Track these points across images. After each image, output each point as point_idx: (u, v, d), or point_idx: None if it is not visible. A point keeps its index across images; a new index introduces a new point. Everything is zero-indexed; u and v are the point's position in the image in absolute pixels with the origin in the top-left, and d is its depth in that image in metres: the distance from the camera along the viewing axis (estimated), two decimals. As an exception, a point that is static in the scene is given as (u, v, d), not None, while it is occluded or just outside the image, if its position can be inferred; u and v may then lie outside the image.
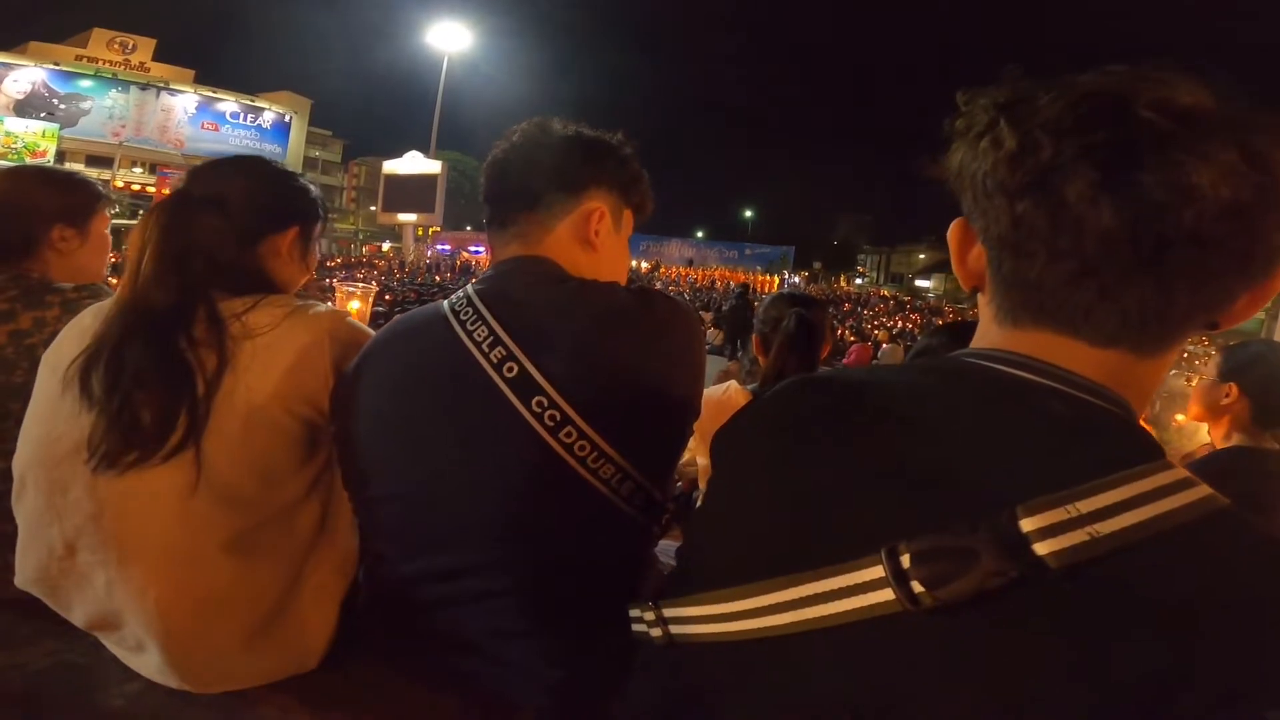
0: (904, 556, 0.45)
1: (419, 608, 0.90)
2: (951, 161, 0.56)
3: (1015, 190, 0.50)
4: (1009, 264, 0.53)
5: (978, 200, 0.54)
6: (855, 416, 0.56)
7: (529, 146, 0.95)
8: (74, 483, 0.84)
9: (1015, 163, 0.50)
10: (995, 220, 0.52)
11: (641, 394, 0.85)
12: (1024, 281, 0.53)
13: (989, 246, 0.55)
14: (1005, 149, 0.50)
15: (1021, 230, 0.51)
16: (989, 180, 0.52)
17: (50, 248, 1.18)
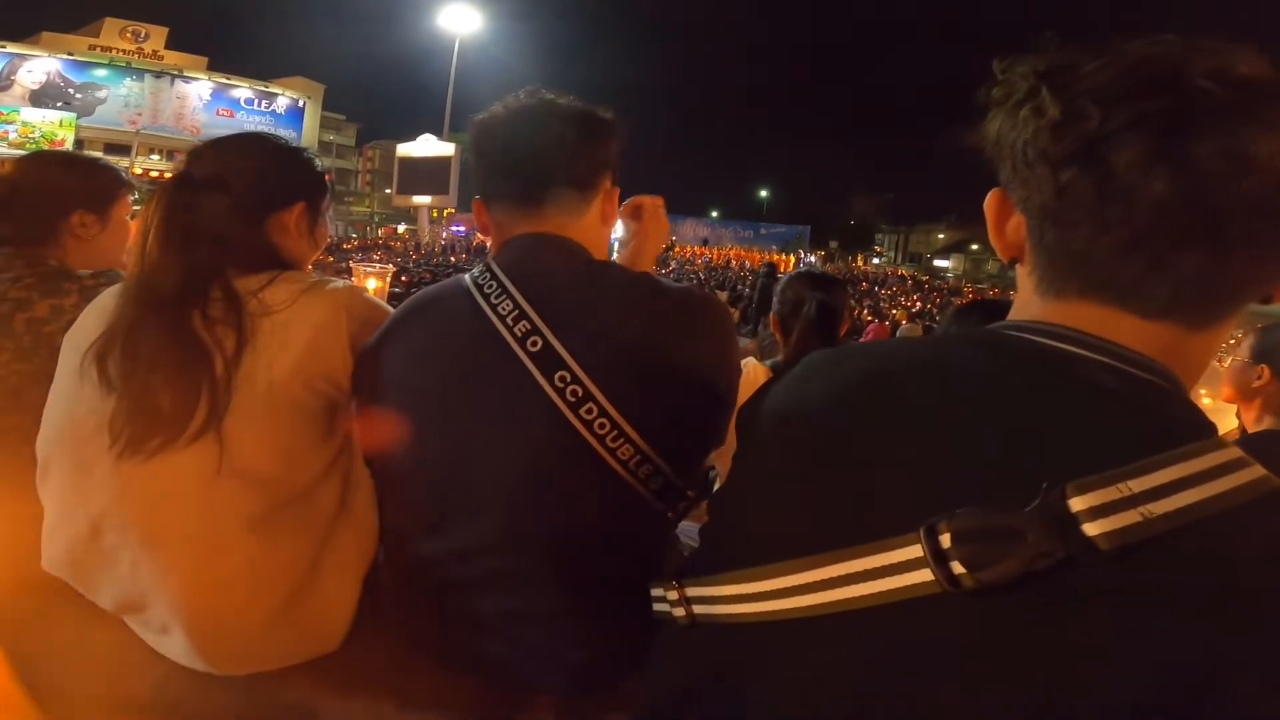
0: (944, 536, 0.44)
1: (439, 588, 0.90)
2: (989, 130, 0.55)
3: (1059, 159, 0.49)
4: (1052, 234, 0.52)
5: (1018, 170, 0.52)
6: (889, 390, 0.54)
7: (558, 123, 0.91)
8: (97, 464, 0.84)
9: (1059, 131, 0.48)
10: (1037, 190, 0.51)
11: (666, 377, 0.84)
12: (1068, 252, 0.51)
13: (1030, 216, 0.53)
14: (1048, 117, 0.49)
15: (1066, 200, 0.49)
16: (1030, 149, 0.50)
17: (70, 234, 1.18)
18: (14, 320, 1.05)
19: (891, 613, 0.47)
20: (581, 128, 0.92)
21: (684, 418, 0.85)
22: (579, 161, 0.92)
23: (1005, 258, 0.58)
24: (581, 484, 0.82)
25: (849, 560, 0.48)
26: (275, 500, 0.88)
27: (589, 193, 0.94)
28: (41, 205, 1.16)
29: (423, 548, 0.90)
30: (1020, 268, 0.57)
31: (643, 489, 0.83)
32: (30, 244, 1.13)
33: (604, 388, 0.79)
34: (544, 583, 0.86)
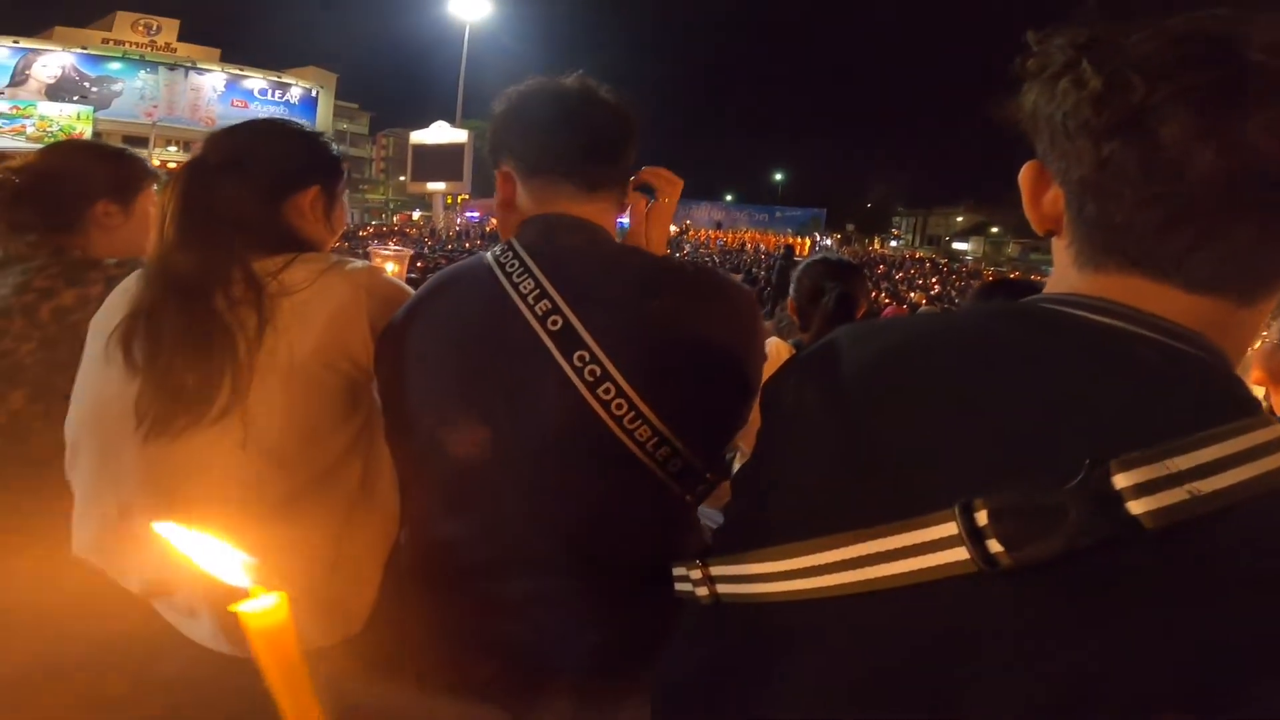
0: (980, 513, 0.43)
1: (459, 570, 0.91)
2: (1024, 103, 0.54)
3: (1101, 131, 0.48)
4: (1092, 207, 0.51)
5: (1056, 142, 0.51)
6: (922, 364, 0.53)
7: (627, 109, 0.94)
8: (125, 446, 0.85)
9: (1102, 102, 0.47)
10: (1077, 162, 0.50)
11: (687, 359, 0.83)
12: (1110, 225, 0.50)
13: (1069, 189, 0.52)
14: (1090, 88, 0.48)
15: (1108, 172, 0.48)
16: (1070, 121, 0.49)
17: (95, 223, 1.19)
18: (40, 309, 1.06)
19: (923, 592, 0.46)
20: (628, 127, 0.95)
21: (704, 400, 0.85)
22: (627, 157, 0.95)
23: (1041, 230, 0.57)
24: (598, 464, 0.82)
25: (880, 538, 0.47)
26: (298, 481, 0.89)
27: (625, 184, 0.97)
28: (67, 194, 1.17)
29: (443, 528, 0.91)
30: (1057, 241, 0.56)
31: (660, 471, 0.83)
32: (55, 232, 1.14)
33: (622, 368, 0.79)
34: (562, 565, 0.86)
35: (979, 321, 0.57)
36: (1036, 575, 0.42)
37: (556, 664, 0.91)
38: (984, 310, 0.59)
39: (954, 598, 0.45)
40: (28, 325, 1.05)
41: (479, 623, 0.92)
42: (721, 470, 0.92)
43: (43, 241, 1.12)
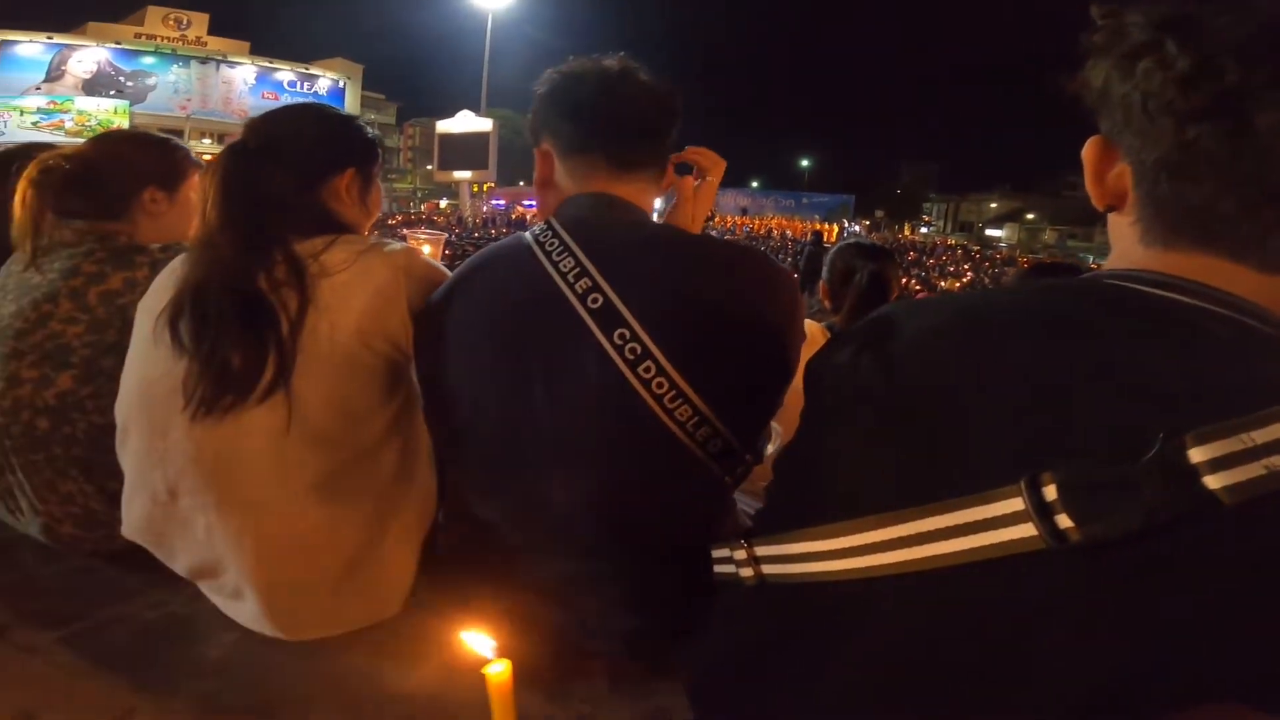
0: (1048, 488, 0.42)
1: (494, 551, 0.91)
2: (1092, 78, 0.53)
3: (1188, 114, 0.47)
4: (1168, 186, 0.50)
5: (1131, 121, 0.50)
6: (982, 337, 0.52)
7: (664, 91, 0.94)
8: (173, 425, 0.87)
9: (1190, 85, 0.47)
10: (1155, 142, 0.49)
11: (727, 339, 0.82)
12: (1186, 204, 0.49)
13: (1140, 167, 0.51)
14: (1177, 70, 0.47)
15: (1190, 154, 0.48)
16: (1152, 102, 0.48)
17: (141, 210, 1.21)
18: (87, 293, 1.08)
19: (986, 570, 0.45)
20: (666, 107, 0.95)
21: (744, 380, 0.84)
22: (664, 141, 0.95)
23: (1101, 205, 0.56)
24: (638, 444, 0.81)
25: (940, 514, 0.46)
26: (340, 460, 0.90)
27: (665, 164, 0.97)
28: (115, 181, 1.20)
29: (481, 508, 0.91)
30: (1117, 217, 0.56)
31: (700, 452, 0.82)
32: (102, 219, 1.17)
33: (663, 347, 0.78)
34: (601, 546, 0.86)
35: (1041, 296, 0.55)
36: (1106, 552, 0.41)
37: (593, 647, 0.92)
38: (1045, 286, 0.58)
39: (1018, 576, 0.44)
40: (75, 309, 1.07)
41: (515, 605, 0.93)
42: (758, 453, 0.91)
43: (89, 228, 1.14)
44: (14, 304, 1.09)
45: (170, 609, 1.01)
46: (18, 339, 1.07)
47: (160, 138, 1.31)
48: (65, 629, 0.95)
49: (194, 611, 1.00)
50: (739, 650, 0.68)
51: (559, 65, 0.95)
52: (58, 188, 1.13)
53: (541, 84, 0.95)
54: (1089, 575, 0.42)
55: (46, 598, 1.02)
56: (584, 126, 0.92)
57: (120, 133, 1.31)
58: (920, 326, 0.56)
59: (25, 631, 0.93)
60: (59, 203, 1.13)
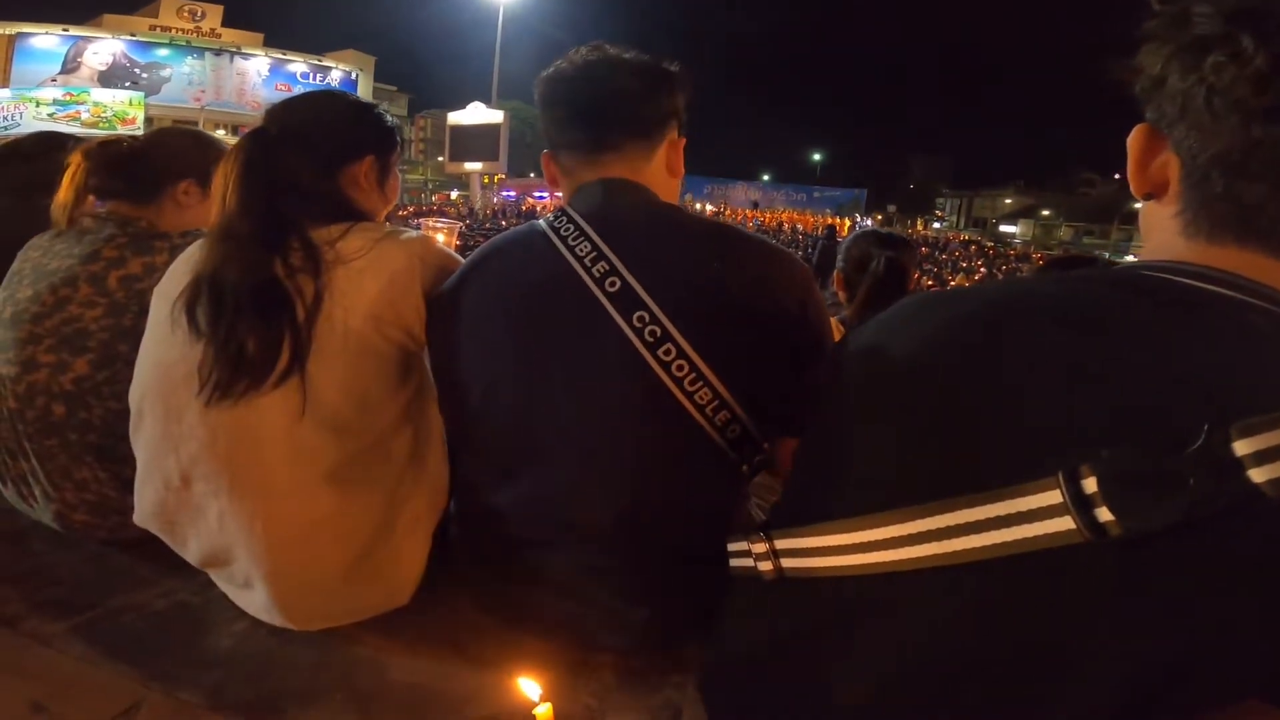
0: (1088, 480, 0.41)
1: (509, 542, 0.91)
2: (1147, 65, 0.51)
3: (1259, 112, 0.45)
4: (1223, 183, 0.48)
5: (1189, 113, 0.49)
6: (1017, 328, 0.51)
7: (622, 75, 0.93)
8: (188, 410, 0.87)
9: (1265, 84, 0.45)
10: (1215, 137, 0.48)
11: (746, 322, 0.82)
12: (1238, 201, 0.48)
13: (1193, 160, 0.50)
14: (1252, 67, 0.45)
15: (1255, 154, 0.46)
16: (1220, 98, 0.47)
17: (173, 199, 1.23)
18: (108, 277, 1.09)
19: (1020, 564, 0.44)
20: (644, 79, 0.92)
21: (763, 365, 0.83)
22: (641, 111, 0.93)
23: (1140, 194, 0.55)
24: (657, 427, 0.81)
25: (972, 507, 0.45)
26: (353, 448, 0.90)
27: (654, 142, 0.94)
28: (157, 169, 1.22)
29: (494, 497, 0.91)
30: (1156, 206, 0.54)
31: (718, 437, 0.82)
32: (134, 202, 1.19)
33: (683, 329, 0.79)
34: (614, 536, 0.85)
35: (1076, 287, 0.54)
36: (1147, 547, 0.40)
37: (602, 640, 0.92)
38: (1079, 276, 0.56)
39: (1053, 571, 0.43)
40: (94, 293, 1.08)
41: (526, 596, 0.93)
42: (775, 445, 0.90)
43: (110, 214, 1.16)
44: (30, 288, 1.10)
45: (181, 598, 1.01)
46: (34, 323, 1.07)
47: (212, 138, 1.34)
48: (77, 618, 0.95)
49: (205, 600, 1.00)
50: (755, 645, 0.67)
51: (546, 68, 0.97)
52: (108, 164, 1.16)
53: (535, 91, 0.97)
54: (1128, 570, 0.41)
55: (59, 587, 1.02)
56: (558, 125, 0.95)
57: (176, 128, 1.38)
58: (949, 315, 0.55)
59: (37, 621, 0.94)
60: (101, 181, 1.16)
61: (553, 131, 0.96)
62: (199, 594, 1.01)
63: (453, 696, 0.86)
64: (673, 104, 0.95)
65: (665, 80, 0.94)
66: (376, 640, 0.95)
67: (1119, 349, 0.46)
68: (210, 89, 28.56)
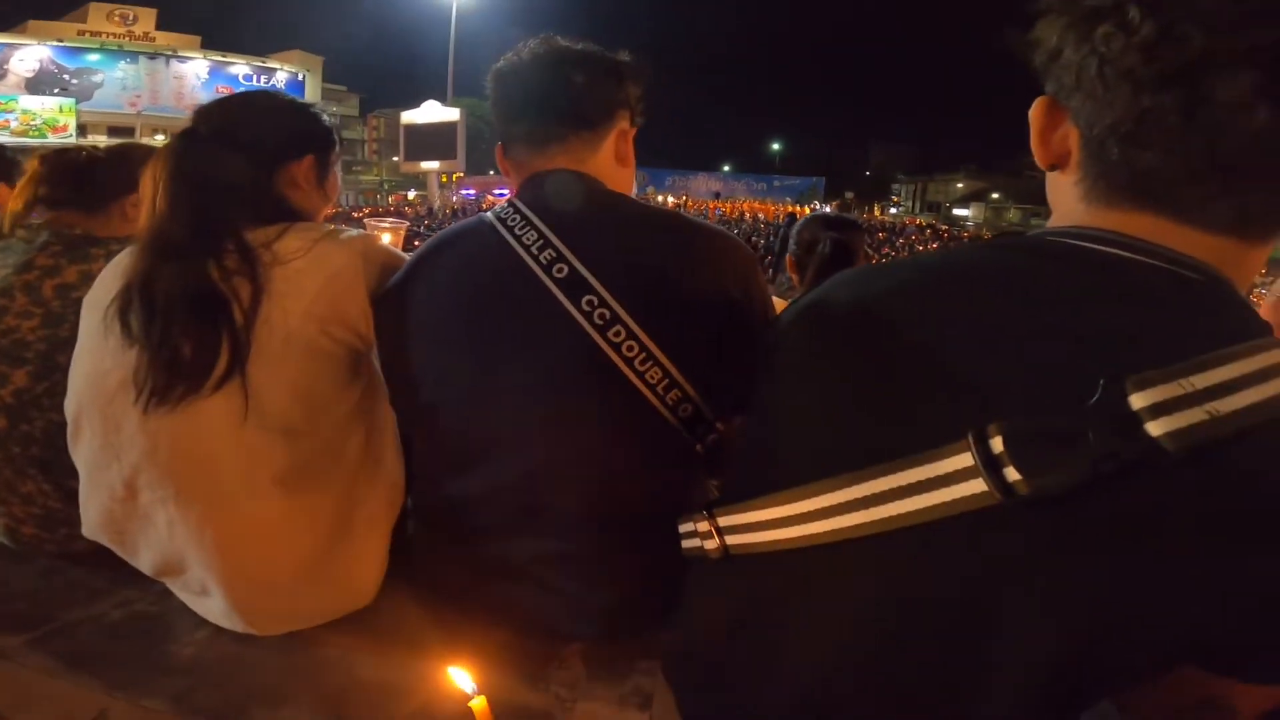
0: (995, 440, 0.42)
1: (468, 533, 0.91)
2: (1044, 39, 0.52)
3: (1146, 81, 0.46)
4: (1117, 150, 0.50)
5: (1083, 84, 0.50)
6: (931, 296, 0.53)
7: (566, 67, 0.93)
8: (126, 419, 0.85)
9: (1152, 52, 0.46)
10: (1109, 107, 0.49)
11: (691, 302, 0.84)
12: (1133, 167, 0.49)
13: (1089, 130, 0.51)
14: (1139, 37, 0.46)
15: (1145, 122, 0.47)
16: (1109, 68, 0.48)
17: (120, 210, 1.21)
18: (43, 287, 1.06)
19: (943, 529, 0.44)
20: (588, 70, 0.93)
21: (709, 343, 0.85)
22: (585, 101, 0.93)
23: (1044, 165, 0.56)
24: (610, 409, 0.83)
25: (895, 474, 0.46)
26: (302, 450, 0.89)
27: (599, 131, 0.95)
28: (109, 179, 1.19)
29: (451, 489, 0.92)
30: (1060, 175, 0.56)
31: (671, 417, 0.84)
32: (82, 212, 1.16)
33: (631, 311, 0.80)
34: (572, 521, 0.87)
35: (986, 254, 0.56)
36: (1058, 506, 0.41)
37: (569, 630, 0.92)
38: (989, 244, 0.58)
39: (974, 534, 0.44)
40: (30, 303, 1.05)
41: (489, 588, 0.93)
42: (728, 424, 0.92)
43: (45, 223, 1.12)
44: None
45: (138, 608, 0.99)
46: None
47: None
48: (34, 631, 0.93)
49: (163, 610, 0.98)
50: (710, 626, 0.68)
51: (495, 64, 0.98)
52: (60, 173, 1.14)
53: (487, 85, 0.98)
54: (1042, 532, 0.42)
55: (13, 601, 1.00)
56: (506, 119, 0.97)
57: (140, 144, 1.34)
58: (869, 291, 0.56)
59: (-6, 636, 0.91)
60: (50, 190, 1.14)
61: (501, 125, 0.97)
62: (156, 603, 0.99)
63: (420, 694, 0.85)
64: (621, 94, 0.96)
65: (612, 71, 0.95)
66: (341, 640, 0.94)
67: (1023, 314, 0.48)
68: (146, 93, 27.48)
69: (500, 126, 0.98)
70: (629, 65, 0.98)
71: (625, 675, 0.90)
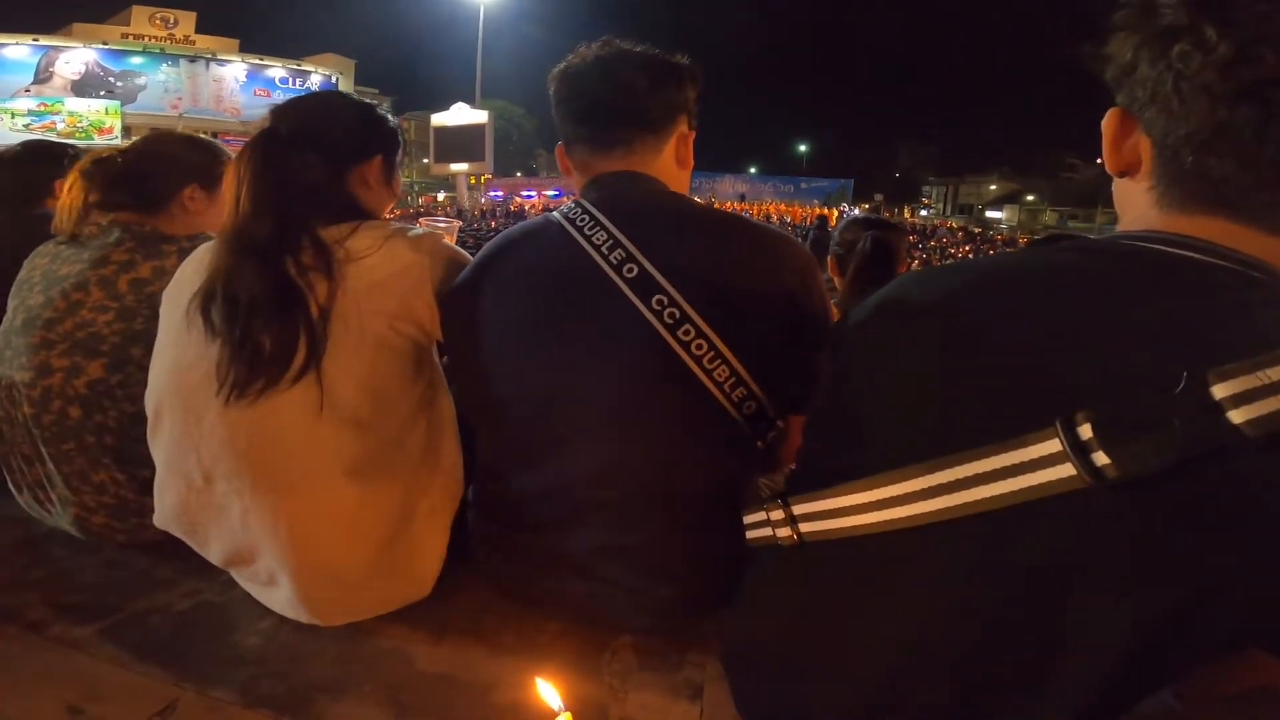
0: (1083, 427, 0.44)
1: (529, 527, 0.93)
2: (1117, 54, 0.56)
3: (1222, 96, 0.50)
4: (1191, 159, 0.53)
5: (1158, 98, 0.53)
6: (1012, 292, 0.55)
7: (633, 69, 0.94)
8: (207, 411, 0.88)
9: (1229, 70, 0.49)
10: (1184, 119, 0.52)
11: (757, 303, 0.85)
12: (1206, 175, 0.53)
13: (1163, 140, 0.54)
14: (1217, 55, 0.49)
15: (1221, 133, 0.51)
16: (1186, 83, 0.51)
17: (180, 205, 1.24)
18: (118, 282, 1.10)
19: (1028, 513, 0.46)
20: (651, 73, 0.94)
21: (774, 342, 0.87)
22: (649, 106, 0.95)
23: (1114, 171, 0.60)
24: (679, 404, 0.84)
25: (979, 460, 0.48)
26: (370, 443, 0.91)
27: (662, 135, 0.97)
28: (161, 177, 1.22)
29: (517, 483, 0.93)
30: (1130, 182, 0.59)
31: (735, 413, 0.85)
32: (143, 211, 1.19)
33: (700, 310, 0.82)
34: (634, 515, 0.88)
35: (1062, 256, 0.57)
36: (1144, 490, 0.43)
37: (624, 621, 0.94)
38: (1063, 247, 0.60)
39: (1061, 518, 0.46)
40: (105, 297, 1.08)
41: (546, 581, 0.94)
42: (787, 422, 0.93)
43: (116, 220, 1.16)
44: (42, 294, 1.10)
45: (205, 598, 1.02)
46: (47, 328, 1.08)
47: (207, 141, 1.35)
48: (104, 621, 0.96)
49: (228, 600, 1.01)
50: (778, 617, 0.69)
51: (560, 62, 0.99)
52: (108, 180, 1.16)
53: (549, 85, 1.00)
54: (1128, 515, 0.44)
55: (82, 592, 1.03)
56: (568, 119, 0.98)
57: (170, 133, 1.35)
58: (949, 285, 0.58)
59: (64, 626, 0.95)
60: (106, 195, 1.16)
61: (565, 126, 0.99)
62: (221, 594, 1.02)
63: (477, 685, 0.87)
64: (682, 98, 0.97)
65: (674, 74, 0.97)
66: (401, 632, 0.96)
67: (1107, 309, 0.50)
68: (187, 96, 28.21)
69: (563, 127, 0.99)
70: (688, 68, 0.99)
71: (676, 666, 0.91)
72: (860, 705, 0.59)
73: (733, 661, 0.81)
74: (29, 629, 0.94)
